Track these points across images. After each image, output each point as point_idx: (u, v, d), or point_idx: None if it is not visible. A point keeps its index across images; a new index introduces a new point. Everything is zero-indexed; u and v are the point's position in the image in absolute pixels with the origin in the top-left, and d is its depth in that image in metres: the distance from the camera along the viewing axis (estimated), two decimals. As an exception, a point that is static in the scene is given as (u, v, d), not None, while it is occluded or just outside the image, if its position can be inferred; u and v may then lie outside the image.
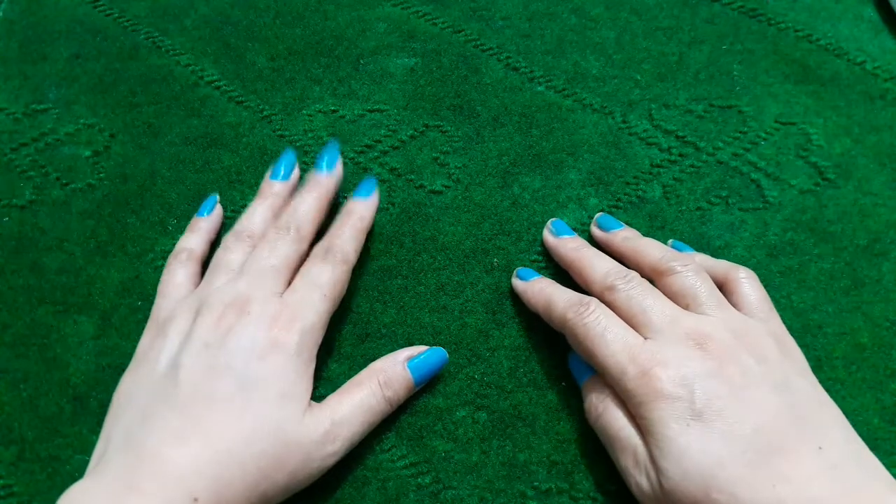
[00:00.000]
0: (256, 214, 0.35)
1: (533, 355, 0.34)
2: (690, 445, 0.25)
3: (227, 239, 0.34)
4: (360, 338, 0.34)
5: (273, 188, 0.36)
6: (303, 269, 0.32)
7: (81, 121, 0.41)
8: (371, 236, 0.37)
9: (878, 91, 0.41)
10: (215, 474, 0.26)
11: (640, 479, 0.27)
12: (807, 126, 0.40)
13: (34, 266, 0.36)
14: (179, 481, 0.25)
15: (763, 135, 0.39)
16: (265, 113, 0.41)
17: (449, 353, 0.33)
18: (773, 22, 0.43)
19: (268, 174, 0.37)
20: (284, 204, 0.35)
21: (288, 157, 0.37)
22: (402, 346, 0.34)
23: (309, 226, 0.34)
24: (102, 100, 0.42)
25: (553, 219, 0.36)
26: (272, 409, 0.28)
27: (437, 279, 0.36)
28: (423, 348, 0.33)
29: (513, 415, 0.32)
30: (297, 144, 0.40)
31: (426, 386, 0.33)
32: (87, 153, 0.40)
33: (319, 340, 0.31)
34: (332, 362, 0.34)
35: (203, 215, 0.36)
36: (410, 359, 0.32)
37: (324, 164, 0.36)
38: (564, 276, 0.34)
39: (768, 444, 0.25)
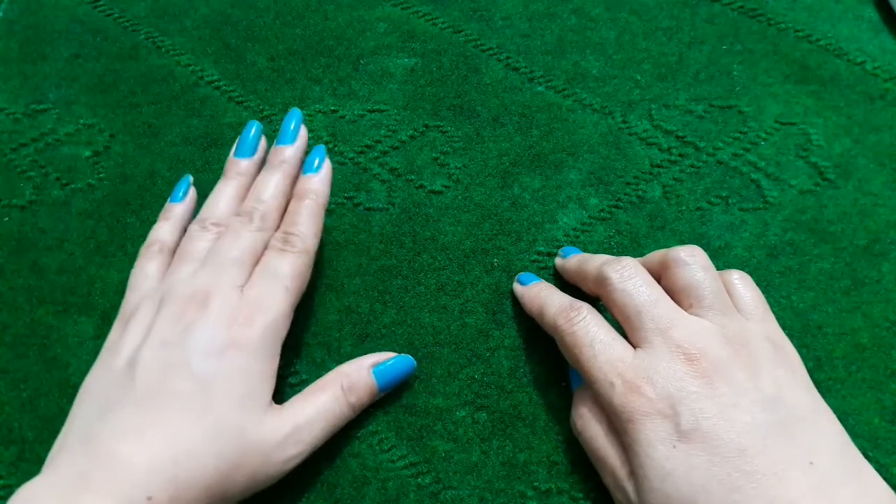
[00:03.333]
0: (221, 200, 0.33)
1: (533, 355, 0.34)
2: (675, 470, 0.25)
3: (192, 227, 0.33)
4: (360, 338, 0.34)
5: (238, 167, 0.34)
6: (262, 260, 0.31)
7: (81, 121, 0.41)
8: (371, 236, 0.37)
9: (878, 91, 0.41)
10: (171, 474, 0.25)
11: (620, 496, 0.27)
12: (807, 126, 0.40)
13: (34, 266, 0.36)
14: (134, 479, 0.25)
15: (763, 135, 0.39)
16: (265, 113, 0.41)
17: (449, 353, 0.33)
18: (773, 22, 0.43)
19: (232, 151, 0.35)
20: (251, 183, 0.34)
21: (252, 128, 0.35)
22: (402, 346, 0.34)
23: (274, 212, 0.32)
24: (102, 100, 0.42)
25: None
26: (231, 409, 0.27)
27: (437, 279, 0.36)
28: (391, 354, 0.32)
29: (513, 415, 0.32)
30: (297, 144, 0.40)
31: (426, 386, 0.33)
32: (87, 153, 0.40)
33: (283, 334, 0.30)
34: (332, 362, 0.34)
35: (177, 200, 0.35)
36: (376, 365, 0.31)
37: (287, 134, 0.34)
38: (565, 279, 0.34)
39: (756, 465, 0.24)
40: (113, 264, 0.36)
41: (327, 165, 0.34)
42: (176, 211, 0.35)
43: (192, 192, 0.36)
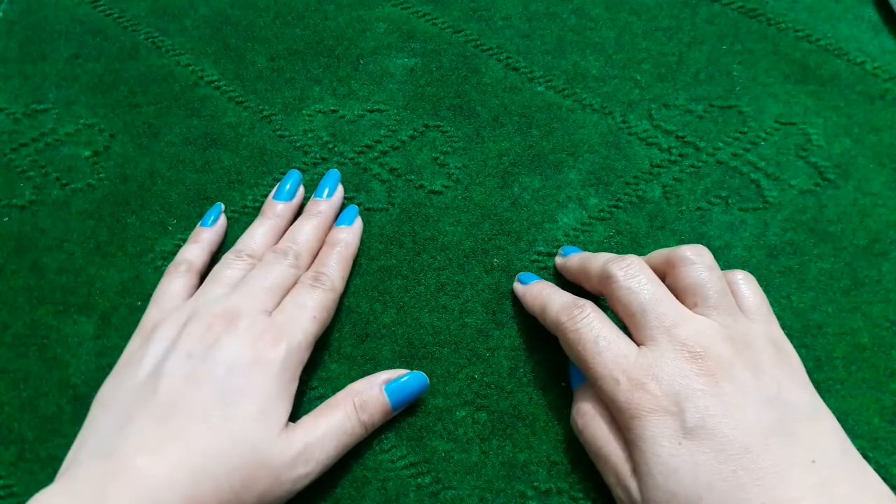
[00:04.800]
0: (258, 235, 0.35)
1: (533, 355, 0.34)
2: (681, 466, 0.25)
3: (227, 256, 0.34)
4: (360, 338, 0.34)
5: (275, 209, 0.36)
6: (291, 293, 0.32)
7: (81, 121, 0.41)
8: (371, 237, 0.37)
9: (878, 91, 0.41)
10: (187, 489, 0.25)
11: (622, 494, 0.27)
12: (807, 126, 0.40)
13: (34, 266, 0.36)
14: (151, 492, 0.25)
15: (763, 135, 0.39)
16: (265, 113, 0.41)
17: (449, 353, 0.33)
18: (773, 22, 0.43)
19: (271, 194, 0.37)
20: (285, 225, 0.36)
21: (293, 178, 0.37)
22: (401, 346, 0.34)
23: (307, 254, 0.34)
24: (102, 100, 0.42)
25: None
26: (249, 425, 0.27)
27: (437, 279, 0.36)
28: (403, 372, 0.32)
29: (513, 415, 0.32)
30: (297, 144, 0.40)
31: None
32: (87, 153, 0.40)
33: (304, 361, 0.31)
34: (332, 362, 0.34)
35: (207, 225, 0.36)
36: (389, 382, 0.31)
37: (324, 191, 0.37)
38: (565, 278, 0.34)
39: (759, 463, 0.24)
40: (113, 264, 0.36)
41: (359, 222, 0.37)
42: (205, 235, 0.36)
43: (223, 219, 0.37)
